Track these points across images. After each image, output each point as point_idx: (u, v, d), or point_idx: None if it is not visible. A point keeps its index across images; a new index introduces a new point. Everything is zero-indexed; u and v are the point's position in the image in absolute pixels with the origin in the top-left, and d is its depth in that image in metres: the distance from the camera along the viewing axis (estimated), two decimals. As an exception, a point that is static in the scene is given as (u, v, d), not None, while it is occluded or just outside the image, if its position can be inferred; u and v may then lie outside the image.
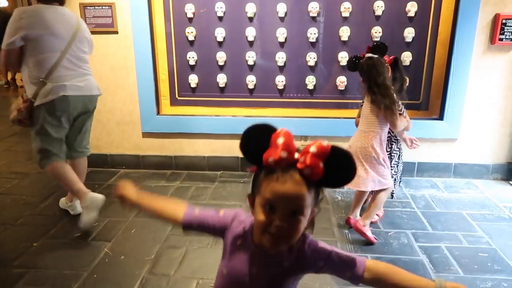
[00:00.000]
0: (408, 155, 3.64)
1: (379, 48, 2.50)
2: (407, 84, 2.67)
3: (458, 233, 2.72)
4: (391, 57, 2.56)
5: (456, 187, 3.48)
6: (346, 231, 2.76)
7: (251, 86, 3.66)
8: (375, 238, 2.59)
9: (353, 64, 2.58)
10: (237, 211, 1.13)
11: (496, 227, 2.81)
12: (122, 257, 2.47)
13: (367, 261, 1.05)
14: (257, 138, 0.96)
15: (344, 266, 1.04)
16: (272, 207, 0.93)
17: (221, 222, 1.12)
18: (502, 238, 2.65)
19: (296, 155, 0.93)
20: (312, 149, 0.91)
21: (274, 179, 0.92)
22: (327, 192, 3.35)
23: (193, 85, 3.72)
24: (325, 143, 0.93)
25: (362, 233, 2.55)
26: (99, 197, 2.71)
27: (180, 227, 1.15)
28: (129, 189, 1.22)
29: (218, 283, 1.13)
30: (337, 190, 3.40)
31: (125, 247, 2.57)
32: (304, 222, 0.96)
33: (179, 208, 1.15)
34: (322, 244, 1.07)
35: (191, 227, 1.13)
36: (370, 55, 2.51)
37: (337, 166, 0.93)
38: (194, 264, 2.38)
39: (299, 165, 0.92)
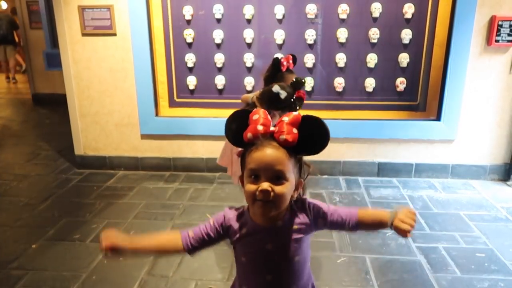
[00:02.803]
0: (406, 156, 3.66)
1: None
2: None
3: (455, 234, 2.73)
4: None
5: (454, 188, 3.49)
6: (344, 232, 2.77)
7: (249, 87, 3.68)
8: None
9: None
10: (225, 211, 1.18)
11: (493, 227, 2.82)
12: (120, 258, 2.47)
13: (358, 213, 1.14)
14: (238, 123, 1.05)
15: (343, 223, 1.13)
16: (257, 176, 1.00)
17: (216, 228, 1.15)
18: (499, 239, 2.67)
19: (271, 128, 1.02)
20: (285, 118, 1.01)
21: (254, 149, 1.01)
22: (326, 193, 3.36)
23: (191, 87, 3.73)
24: (296, 112, 1.03)
25: None
26: None
27: (184, 254, 1.17)
28: (117, 237, 1.12)
29: (241, 272, 1.18)
30: (335, 191, 3.41)
31: (124, 249, 2.57)
32: (289, 187, 1.01)
33: (174, 238, 1.17)
34: (321, 203, 1.15)
35: (195, 248, 1.16)
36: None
37: (311, 132, 1.02)
38: (193, 265, 2.39)
39: (275, 134, 1.01)
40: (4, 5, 10.87)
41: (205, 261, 2.43)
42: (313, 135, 1.02)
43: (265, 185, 0.98)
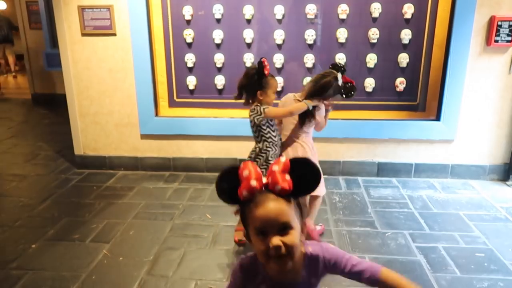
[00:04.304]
0: (406, 156, 3.66)
1: None
2: None
3: (455, 234, 2.74)
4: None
5: (453, 188, 3.50)
6: (344, 231, 2.77)
7: (249, 87, 3.68)
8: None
9: None
10: (240, 262, 1.16)
11: (493, 227, 2.83)
12: (120, 258, 2.48)
13: (382, 271, 1.10)
14: (229, 182, 1.04)
15: (363, 269, 1.10)
16: (264, 232, 0.99)
17: (242, 284, 1.14)
18: (498, 238, 2.67)
19: (264, 180, 1.01)
20: (275, 167, 1.00)
21: (254, 206, 0.99)
22: (325, 193, 3.35)
23: (191, 87, 3.73)
24: (283, 159, 1.02)
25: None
26: None
27: None
28: None
29: None
30: (335, 191, 3.42)
31: (123, 249, 2.58)
32: (297, 234, 1.01)
33: None
34: (336, 249, 1.13)
35: None
36: None
37: (302, 173, 1.01)
38: (193, 265, 2.39)
39: (270, 186, 1.00)
40: (4, 6, 10.87)
41: (205, 261, 2.43)
42: (306, 176, 1.02)
43: (276, 240, 0.97)
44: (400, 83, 3.57)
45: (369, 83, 3.58)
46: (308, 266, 1.09)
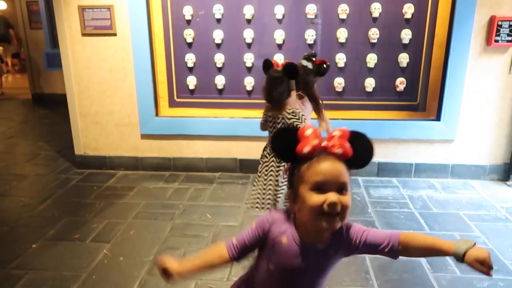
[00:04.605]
0: (406, 156, 3.66)
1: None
2: None
3: (455, 233, 2.74)
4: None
5: (453, 188, 3.50)
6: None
7: (249, 87, 3.68)
8: None
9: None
10: (272, 214, 1.16)
11: (493, 227, 2.83)
12: (121, 258, 2.48)
13: (400, 236, 1.09)
14: (284, 140, 1.08)
15: (380, 244, 1.10)
16: (321, 188, 1.00)
17: (258, 233, 1.14)
18: (498, 238, 2.67)
19: (324, 143, 1.05)
20: (336, 132, 1.04)
21: (315, 163, 1.02)
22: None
23: (191, 87, 3.73)
24: (343, 128, 1.06)
25: None
26: None
27: (232, 263, 1.18)
28: (171, 262, 1.14)
29: (263, 278, 1.17)
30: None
31: (124, 248, 2.58)
32: (350, 198, 1.03)
33: (220, 250, 1.16)
34: (358, 225, 1.14)
35: (240, 255, 1.16)
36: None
37: (359, 146, 1.06)
38: (193, 265, 2.39)
39: (329, 149, 1.03)
40: (4, 5, 10.87)
41: (205, 261, 2.43)
42: (362, 148, 1.07)
43: (334, 197, 0.99)
44: (400, 83, 3.58)
45: (369, 83, 3.59)
46: (335, 235, 1.10)
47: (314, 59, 2.55)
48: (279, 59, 3.56)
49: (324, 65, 2.54)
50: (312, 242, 1.08)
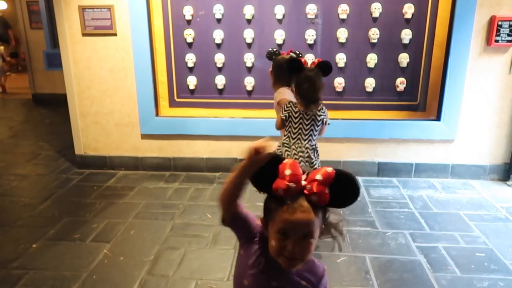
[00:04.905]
0: (406, 156, 3.66)
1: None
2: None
3: (455, 233, 2.74)
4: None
5: (453, 188, 3.50)
6: (345, 231, 2.77)
7: (249, 88, 3.68)
8: None
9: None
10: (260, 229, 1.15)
11: (493, 227, 2.83)
12: (121, 258, 2.48)
13: None
14: (264, 168, 1.00)
15: None
16: (285, 233, 0.99)
17: (256, 230, 1.14)
18: (498, 238, 2.67)
19: (303, 182, 0.99)
20: (318, 176, 0.98)
21: (285, 209, 0.99)
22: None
23: (191, 87, 3.73)
24: (329, 169, 1.00)
25: None
26: None
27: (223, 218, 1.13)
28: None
29: None
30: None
31: (124, 248, 2.58)
32: (314, 243, 1.02)
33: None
34: (324, 277, 1.15)
35: (237, 220, 1.12)
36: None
37: (342, 189, 1.00)
38: (193, 265, 2.39)
39: (306, 192, 0.98)
40: (4, 5, 10.88)
41: (205, 261, 2.44)
42: (344, 191, 1.01)
43: (293, 246, 0.99)
44: (401, 83, 3.58)
45: (370, 83, 3.59)
46: (304, 270, 1.10)
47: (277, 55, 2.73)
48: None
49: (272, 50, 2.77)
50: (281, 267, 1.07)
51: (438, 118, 3.55)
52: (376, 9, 3.42)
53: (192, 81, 3.71)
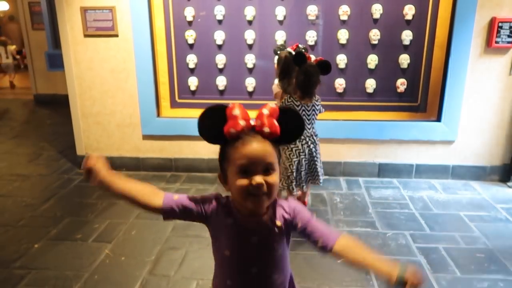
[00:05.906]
0: (406, 157, 3.67)
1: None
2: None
3: (455, 234, 2.75)
4: None
5: (454, 189, 3.50)
6: (345, 232, 2.78)
7: (250, 88, 3.69)
8: None
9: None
10: (217, 195, 1.17)
11: (493, 228, 2.83)
12: (122, 258, 2.49)
13: (336, 245, 1.08)
14: (212, 120, 1.05)
15: (314, 240, 1.10)
16: (246, 171, 1.01)
17: (202, 207, 1.14)
18: (499, 239, 2.68)
19: (252, 122, 1.04)
20: (265, 111, 1.04)
21: (241, 144, 1.01)
22: (326, 194, 3.37)
23: (193, 87, 3.74)
24: (273, 104, 1.05)
25: None
26: None
27: (159, 213, 1.14)
28: (101, 164, 1.15)
29: (225, 266, 1.18)
30: (336, 192, 3.42)
31: (125, 248, 2.60)
32: (278, 176, 1.04)
33: (156, 193, 1.16)
34: (305, 209, 1.15)
35: (173, 213, 1.13)
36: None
37: (288, 122, 1.05)
38: (194, 265, 2.40)
39: (258, 128, 1.03)
40: (6, 6, 10.91)
41: (206, 260, 2.44)
42: (290, 124, 1.06)
43: (259, 178, 0.99)
44: (401, 84, 3.58)
45: (370, 84, 3.60)
46: (274, 206, 1.11)
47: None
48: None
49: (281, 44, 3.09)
50: (254, 215, 1.08)
51: (438, 119, 3.56)
52: (377, 10, 3.43)
53: (193, 82, 3.72)
